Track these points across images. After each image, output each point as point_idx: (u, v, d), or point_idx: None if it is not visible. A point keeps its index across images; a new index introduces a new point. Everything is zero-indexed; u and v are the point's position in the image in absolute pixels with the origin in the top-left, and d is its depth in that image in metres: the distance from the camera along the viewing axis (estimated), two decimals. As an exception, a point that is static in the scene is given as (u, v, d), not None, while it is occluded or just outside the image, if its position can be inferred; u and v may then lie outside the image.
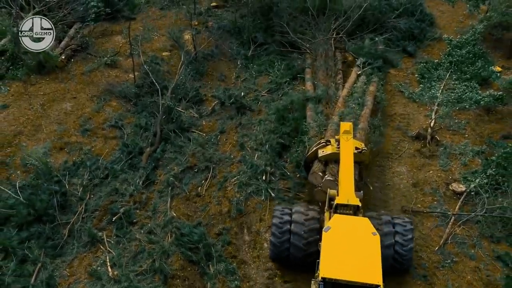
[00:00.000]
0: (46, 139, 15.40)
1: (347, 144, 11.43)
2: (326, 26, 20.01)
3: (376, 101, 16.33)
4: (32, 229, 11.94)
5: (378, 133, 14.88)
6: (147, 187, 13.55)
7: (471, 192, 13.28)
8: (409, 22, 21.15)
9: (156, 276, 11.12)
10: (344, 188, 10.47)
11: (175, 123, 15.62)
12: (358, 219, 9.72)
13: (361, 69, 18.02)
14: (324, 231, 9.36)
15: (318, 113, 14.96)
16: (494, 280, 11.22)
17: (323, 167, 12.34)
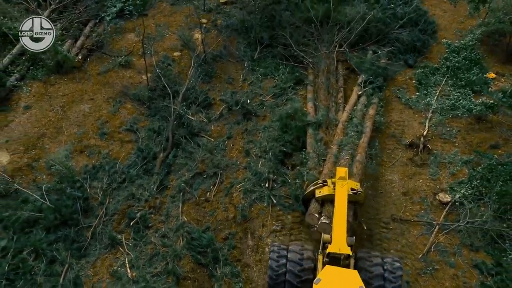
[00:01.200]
0: (67, 142, 16.55)
1: (341, 190, 12.12)
2: (329, 38, 20.15)
3: (375, 126, 16.74)
4: (59, 232, 13.26)
5: (374, 164, 15.39)
6: (161, 192, 14.77)
7: (456, 203, 14.37)
8: (412, 33, 20.99)
9: (170, 278, 12.47)
10: (336, 236, 11.18)
11: (186, 129, 16.67)
12: (347, 271, 10.34)
13: (362, 89, 18.26)
14: (315, 283, 9.99)
15: (318, 141, 15.40)
16: (469, 287, 12.47)
17: (320, 207, 12.84)
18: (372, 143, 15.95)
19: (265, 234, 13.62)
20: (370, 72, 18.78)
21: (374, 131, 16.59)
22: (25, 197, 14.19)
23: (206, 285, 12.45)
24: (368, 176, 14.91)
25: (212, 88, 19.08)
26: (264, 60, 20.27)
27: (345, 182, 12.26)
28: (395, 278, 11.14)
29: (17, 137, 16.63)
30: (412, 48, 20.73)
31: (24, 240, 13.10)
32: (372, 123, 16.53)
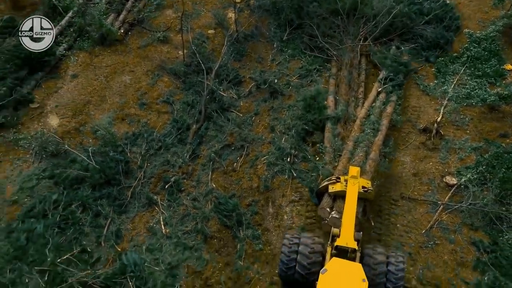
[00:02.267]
0: (110, 109, 17.99)
1: (353, 188, 12.76)
2: (355, 30, 20.40)
3: (391, 124, 17.14)
4: (103, 190, 14.80)
5: (387, 162, 15.83)
6: (193, 160, 16.13)
7: (461, 186, 15.35)
8: (437, 30, 20.84)
9: (198, 236, 13.95)
10: (344, 231, 11.86)
11: (217, 103, 17.86)
12: (352, 264, 11.00)
13: (382, 86, 18.52)
14: (321, 273, 10.69)
15: (335, 136, 16.13)
16: (466, 262, 13.55)
17: (332, 202, 13.51)
18: (387, 141, 16.55)
19: (284, 203, 14.91)
20: (391, 68, 19.05)
21: (390, 129, 17.13)
22: (73, 158, 15.77)
23: (230, 245, 13.88)
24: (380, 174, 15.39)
25: (243, 66, 20.14)
26: (293, 42, 21.09)
27: (357, 180, 12.89)
28: (399, 271, 11.80)
29: (65, 103, 18.15)
30: (435, 45, 20.73)
31: (73, 195, 14.70)
32: (388, 121, 16.99)
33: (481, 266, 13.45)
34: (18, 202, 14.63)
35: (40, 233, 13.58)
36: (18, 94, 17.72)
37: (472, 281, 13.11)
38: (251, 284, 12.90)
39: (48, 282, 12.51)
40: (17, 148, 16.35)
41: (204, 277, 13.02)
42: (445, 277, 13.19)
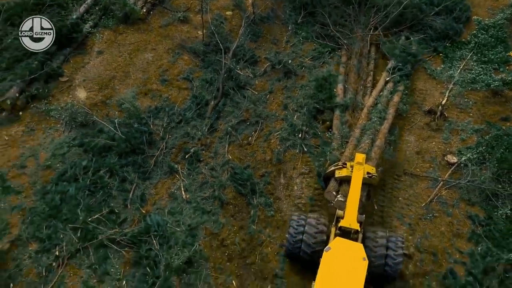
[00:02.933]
0: (133, 85, 19.13)
1: (358, 174, 13.43)
2: (365, 20, 21.23)
3: (397, 113, 17.85)
4: (129, 158, 15.99)
5: (392, 149, 16.67)
6: (211, 133, 17.26)
7: (461, 164, 16.36)
8: (446, 21, 21.36)
9: (216, 202, 15.15)
10: (348, 213, 12.58)
11: (234, 81, 18.91)
12: (354, 244, 11.74)
13: (390, 75, 19.12)
14: (325, 250, 11.45)
15: (343, 124, 16.87)
16: (462, 233, 14.63)
17: (338, 186, 14.30)
18: (392, 129, 17.25)
19: (295, 175, 16.03)
20: (400, 58, 19.55)
21: (396, 118, 17.82)
22: (100, 128, 16.96)
23: (244, 210, 15.08)
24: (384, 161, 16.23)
25: (259, 47, 21.11)
26: (306, 25, 21.98)
27: (362, 167, 13.56)
28: (398, 250, 12.64)
29: (92, 77, 19.32)
30: (444, 36, 21.27)
31: (101, 162, 15.93)
32: (395, 110, 17.64)
33: (475, 237, 14.51)
34: (51, 167, 15.91)
35: (72, 195, 14.88)
36: (48, 68, 18.88)
37: (466, 251, 14.18)
38: (263, 246, 14.11)
39: (80, 238, 13.84)
40: (48, 118, 17.61)
41: (221, 238, 14.26)
42: (441, 246, 14.29)
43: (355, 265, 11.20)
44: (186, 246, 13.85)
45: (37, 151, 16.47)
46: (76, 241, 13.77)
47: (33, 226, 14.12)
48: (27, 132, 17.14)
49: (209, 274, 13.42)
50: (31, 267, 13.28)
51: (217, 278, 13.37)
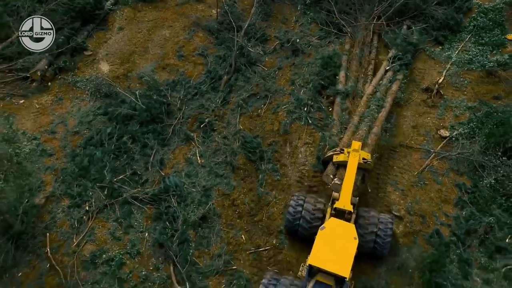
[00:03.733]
0: (152, 59, 20.56)
1: (354, 160, 14.26)
2: (369, 9, 21.84)
3: (395, 101, 18.56)
4: (149, 127, 17.55)
5: (389, 135, 17.47)
6: (224, 105, 18.71)
7: (452, 138, 17.73)
8: (447, 11, 21.85)
9: (227, 167, 16.70)
10: (343, 196, 13.52)
11: (246, 58, 20.23)
12: (347, 224, 12.66)
13: (390, 64, 19.70)
14: (320, 229, 12.28)
15: (343, 110, 17.68)
16: (449, 199, 16.11)
17: (335, 170, 15.21)
18: (389, 117, 18.05)
19: (300, 145, 17.50)
20: (400, 48, 20.22)
21: (394, 106, 18.55)
22: (123, 99, 18.48)
23: (253, 175, 16.63)
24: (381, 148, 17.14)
25: (269, 26, 22.34)
26: (315, 6, 23.10)
27: (358, 153, 14.42)
28: (387, 231, 13.87)
29: (114, 52, 20.77)
30: (444, 25, 21.86)
31: (124, 129, 17.49)
32: (393, 99, 18.37)
33: (461, 203, 16.00)
34: (79, 133, 17.54)
35: (99, 158, 16.50)
36: (74, 42, 20.34)
37: (452, 214, 15.71)
38: (269, 206, 15.71)
39: (107, 196, 15.52)
40: (75, 89, 19.18)
41: (232, 199, 15.88)
42: (430, 210, 15.82)
43: (346, 243, 12.14)
44: (201, 205, 15.50)
45: (65, 119, 18.08)
46: (104, 198, 15.44)
47: (65, 185, 15.82)
48: (56, 101, 18.73)
49: (221, 229, 15.09)
50: (64, 219, 15.01)
51: (228, 233, 15.04)
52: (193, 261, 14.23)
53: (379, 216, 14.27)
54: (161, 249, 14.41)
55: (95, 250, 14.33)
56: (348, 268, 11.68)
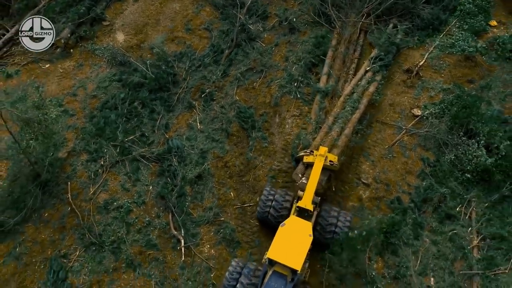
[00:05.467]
0: (163, 31, 22.22)
1: (319, 164, 15.00)
2: (360, 5, 21.72)
3: (370, 103, 19.08)
4: (157, 94, 19.50)
5: (360, 136, 18.26)
6: (223, 77, 20.46)
7: (424, 117, 19.37)
8: (434, 10, 21.93)
9: (223, 133, 18.70)
10: (306, 196, 14.48)
11: (246, 34, 21.73)
12: (304, 223, 13.70)
13: (371, 65, 19.95)
14: (281, 226, 13.35)
15: (321, 110, 18.32)
16: (413, 171, 17.93)
17: (304, 169, 15.92)
18: (363, 118, 18.61)
19: (288, 116, 19.29)
20: (383, 48, 20.43)
21: (369, 107, 19.12)
22: (135, 67, 20.34)
23: (244, 141, 18.62)
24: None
25: (271, 3, 23.51)
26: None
27: (323, 158, 15.15)
28: (344, 227, 15.15)
29: (129, 23, 22.45)
30: (429, 25, 22.00)
31: (135, 95, 19.49)
32: (368, 100, 18.76)
33: (423, 175, 17.87)
34: (96, 97, 19.60)
35: (113, 120, 18.63)
36: (93, 13, 22.02)
37: (413, 184, 17.63)
38: (256, 169, 17.81)
39: (119, 153, 17.75)
40: (94, 56, 21.08)
41: (224, 161, 18.01)
42: (394, 180, 17.77)
43: (302, 239, 13.27)
44: (198, 165, 17.68)
45: (85, 83, 20.10)
46: (116, 155, 17.70)
47: (84, 142, 18.07)
48: (77, 67, 20.71)
49: (214, 186, 17.33)
50: (83, 171, 17.36)
51: (219, 190, 17.28)
52: (188, 211, 16.58)
53: (340, 212, 15.57)
54: (162, 200, 16.75)
55: (107, 198, 16.73)
56: (301, 262, 12.90)
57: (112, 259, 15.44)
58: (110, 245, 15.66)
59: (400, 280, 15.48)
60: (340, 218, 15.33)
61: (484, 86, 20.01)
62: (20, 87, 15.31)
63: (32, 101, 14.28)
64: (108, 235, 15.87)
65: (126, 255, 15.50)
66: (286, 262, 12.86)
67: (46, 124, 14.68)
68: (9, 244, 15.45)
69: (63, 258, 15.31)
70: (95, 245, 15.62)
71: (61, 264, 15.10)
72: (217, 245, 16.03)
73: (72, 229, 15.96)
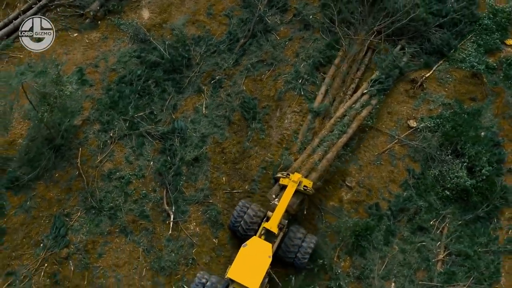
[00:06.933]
0: (186, 13, 22.70)
1: (290, 190, 15.18)
2: (371, 22, 20.96)
3: (360, 127, 18.75)
4: (170, 76, 20.20)
5: (342, 160, 18.12)
6: (234, 66, 20.90)
7: (418, 129, 19.50)
8: (446, 35, 20.91)
9: (225, 120, 19.39)
10: (273, 217, 14.78)
11: (264, 25, 21.92)
12: (265, 244, 14.05)
13: (369, 87, 19.35)
14: (243, 246, 13.78)
15: (310, 130, 18.29)
16: (397, 180, 18.33)
17: (279, 191, 16.03)
18: (350, 142, 18.46)
19: (288, 112, 19.77)
20: (385, 71, 19.72)
21: (359, 131, 18.85)
22: (154, 46, 21.03)
23: (244, 130, 19.29)
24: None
25: (292, -3, 23.54)
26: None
27: (296, 184, 15.30)
28: (307, 249, 15.37)
29: (155, 1, 22.98)
30: (438, 51, 21.07)
31: (150, 74, 20.24)
32: (358, 125, 18.38)
33: (405, 185, 18.27)
34: (115, 70, 20.52)
35: (127, 95, 19.58)
36: (123, -13, 22.64)
37: (394, 193, 18.09)
38: (250, 158, 18.58)
39: (128, 127, 18.79)
40: (118, 30, 21.86)
41: (222, 147, 18.85)
42: (377, 186, 18.28)
43: (261, 260, 13.79)
44: (197, 148, 18.59)
45: (107, 56, 21.01)
46: (125, 129, 18.76)
47: (98, 112, 19.15)
48: (102, 39, 21.60)
49: (208, 170, 18.27)
50: (93, 140, 18.57)
51: (213, 173, 18.24)
52: (182, 190, 17.66)
53: (305, 235, 15.79)
54: (159, 177, 17.85)
55: (112, 168, 17.96)
56: (258, 282, 13.46)
57: (108, 224, 16.78)
58: (108, 211, 16.96)
59: (362, 281, 16.34)
60: (305, 240, 15.52)
61: (484, 106, 19.87)
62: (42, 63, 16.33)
63: (51, 78, 15.32)
64: (107, 201, 17.15)
65: (121, 221, 16.80)
66: (244, 282, 13.47)
67: (61, 100, 15.77)
68: (21, 197, 16.94)
69: (66, 216, 16.73)
70: (95, 209, 16.95)
71: (63, 221, 16.55)
72: (203, 224, 17.15)
73: (77, 191, 17.31)
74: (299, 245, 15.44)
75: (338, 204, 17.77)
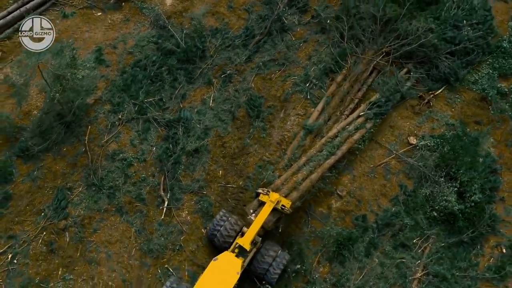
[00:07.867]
0: (207, 3, 22.69)
1: (267, 208, 15.07)
2: (381, 43, 20.14)
3: (350, 150, 18.24)
4: (183, 65, 20.45)
5: (326, 182, 17.73)
6: (246, 63, 20.95)
7: (417, 147, 19.32)
8: (454, 63, 20.03)
9: (230, 115, 19.60)
10: (247, 235, 14.72)
11: (281, 24, 21.79)
12: (235, 259, 13.95)
13: (366, 110, 18.74)
14: (213, 260, 13.71)
15: (299, 147, 17.79)
16: (388, 195, 18.22)
17: (257, 206, 15.76)
18: (338, 164, 17.97)
19: (292, 114, 19.81)
20: (385, 95, 19.10)
21: (349, 154, 18.42)
22: (172, 34, 21.21)
23: (246, 127, 19.49)
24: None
25: (313, -3, 23.17)
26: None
27: (273, 204, 15.16)
28: (278, 267, 15.32)
29: (178, -12, 23.03)
30: (444, 79, 20.31)
31: (165, 61, 20.46)
32: (348, 148, 17.79)
33: (395, 201, 18.22)
34: (132, 53, 20.84)
35: (140, 79, 19.94)
36: (150, -28, 22.70)
37: (383, 207, 18.11)
38: (248, 155, 18.85)
39: (136, 111, 19.23)
40: (140, 14, 22.08)
41: (223, 141, 19.13)
42: (368, 198, 18.32)
43: (229, 276, 13.62)
44: (199, 139, 18.93)
45: (127, 38, 21.33)
46: (133, 112, 19.21)
47: (110, 93, 19.60)
48: (124, 21, 21.88)
49: (207, 162, 18.65)
50: (103, 119, 19.10)
51: (210, 166, 18.61)
52: (179, 178, 18.09)
53: (278, 252, 15.63)
54: (160, 163, 18.32)
55: (116, 149, 18.51)
56: None
57: (106, 202, 17.43)
58: (108, 190, 17.57)
59: (337, 288, 16.66)
60: (277, 258, 15.40)
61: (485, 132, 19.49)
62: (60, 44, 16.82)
63: (66, 61, 15.80)
64: (108, 180, 17.75)
65: (118, 201, 17.42)
66: None
67: (72, 83, 16.28)
68: (30, 166, 17.70)
69: (68, 190, 17.43)
70: (95, 186, 17.58)
71: (65, 195, 17.27)
72: (194, 213, 17.63)
73: (81, 167, 17.96)
74: (270, 263, 15.32)
75: (326, 211, 17.95)
